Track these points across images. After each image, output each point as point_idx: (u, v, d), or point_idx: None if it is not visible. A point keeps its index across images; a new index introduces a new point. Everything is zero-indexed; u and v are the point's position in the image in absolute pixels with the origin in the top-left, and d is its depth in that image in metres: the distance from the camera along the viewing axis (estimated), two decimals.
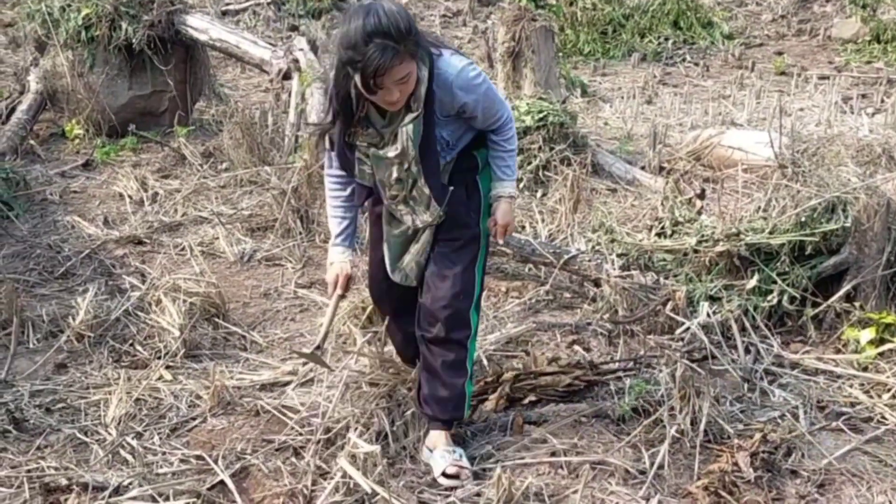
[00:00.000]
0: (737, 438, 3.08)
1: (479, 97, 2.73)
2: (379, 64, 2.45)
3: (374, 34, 2.45)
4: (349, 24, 2.50)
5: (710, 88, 8.19)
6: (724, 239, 3.96)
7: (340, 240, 3.00)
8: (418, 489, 2.82)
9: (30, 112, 6.19)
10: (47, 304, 4.03)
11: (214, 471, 2.95)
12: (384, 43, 2.45)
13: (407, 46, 2.49)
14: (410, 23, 2.51)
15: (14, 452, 3.06)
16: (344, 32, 2.51)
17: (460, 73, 2.68)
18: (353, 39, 2.47)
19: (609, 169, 5.63)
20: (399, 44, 2.47)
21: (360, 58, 2.46)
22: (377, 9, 2.48)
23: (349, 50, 2.48)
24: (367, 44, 2.45)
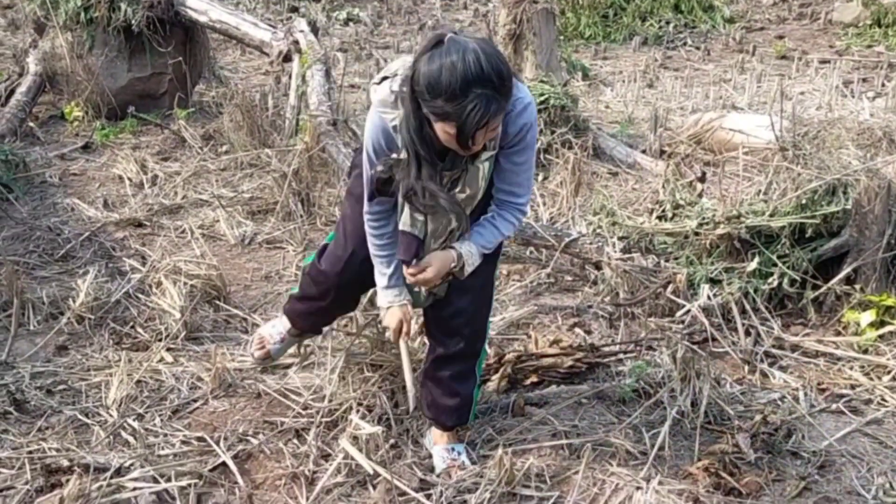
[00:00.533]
0: (737, 420, 3.09)
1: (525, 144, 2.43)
2: (481, 118, 2.13)
3: (474, 83, 2.11)
4: (436, 63, 2.14)
5: (710, 72, 8.16)
6: (724, 221, 3.96)
7: (394, 280, 2.66)
8: (420, 470, 2.83)
9: (29, 94, 6.16)
10: (47, 286, 4.03)
11: (216, 452, 2.96)
12: (485, 93, 2.12)
13: (506, 94, 2.19)
14: (507, 66, 2.20)
15: (15, 434, 3.06)
16: (432, 75, 2.14)
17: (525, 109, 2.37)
18: (448, 87, 2.12)
19: (610, 152, 5.62)
20: (501, 94, 2.16)
21: (457, 111, 2.13)
22: (474, 50, 2.12)
23: (441, 99, 2.14)
24: (465, 94, 2.11)
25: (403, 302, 2.67)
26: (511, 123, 2.35)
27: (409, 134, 2.28)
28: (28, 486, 2.78)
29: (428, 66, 2.16)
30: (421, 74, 2.17)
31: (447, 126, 2.20)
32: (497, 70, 2.13)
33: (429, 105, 2.18)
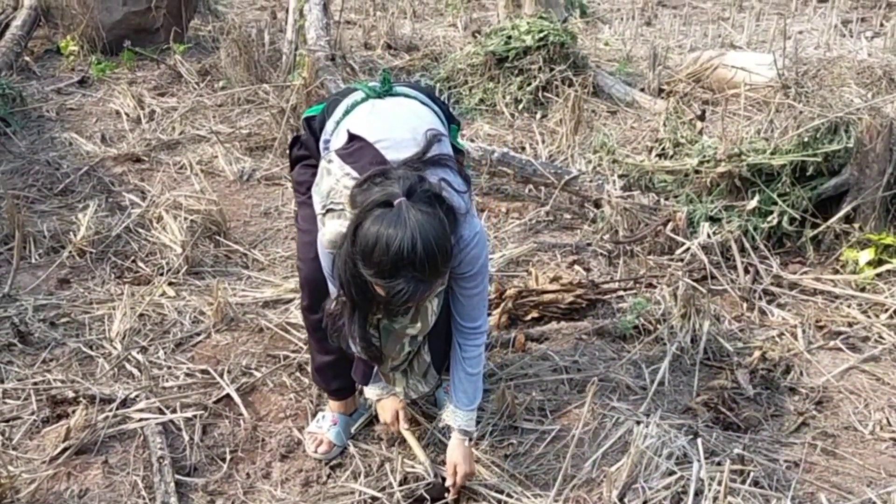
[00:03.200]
0: (736, 356, 3.14)
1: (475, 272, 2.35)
2: (408, 300, 2.08)
3: (406, 266, 2.02)
4: (374, 230, 2.02)
5: (709, 10, 8.06)
6: (725, 160, 3.96)
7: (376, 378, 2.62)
8: (423, 402, 2.86)
9: (24, 28, 6.05)
10: (48, 220, 4.01)
11: (220, 385, 2.99)
12: (415, 277, 2.04)
13: (438, 276, 2.11)
14: (447, 252, 2.08)
15: (20, 365, 3.09)
16: (368, 244, 2.03)
17: (471, 243, 2.28)
18: (380, 263, 2.03)
19: (609, 90, 5.58)
20: (432, 277, 2.08)
21: (386, 288, 2.07)
22: (413, 231, 2.00)
23: (372, 270, 2.06)
24: (394, 275, 2.03)
25: (391, 392, 2.62)
26: (464, 260, 2.30)
27: (346, 278, 2.15)
28: (34, 416, 2.82)
29: (367, 230, 2.04)
30: (360, 235, 2.06)
31: (378, 289, 2.12)
32: (431, 256, 2.02)
33: (362, 268, 2.08)
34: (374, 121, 2.34)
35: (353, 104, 2.41)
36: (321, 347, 2.67)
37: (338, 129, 2.38)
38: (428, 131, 2.28)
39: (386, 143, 2.25)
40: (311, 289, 2.57)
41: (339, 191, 2.22)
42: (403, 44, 6.56)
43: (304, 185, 2.57)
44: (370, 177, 2.12)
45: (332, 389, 2.77)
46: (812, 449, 2.74)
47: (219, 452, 2.72)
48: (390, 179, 2.09)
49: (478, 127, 5.17)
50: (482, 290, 2.41)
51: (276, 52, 5.85)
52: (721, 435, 2.76)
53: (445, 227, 2.09)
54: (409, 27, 7.02)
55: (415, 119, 2.36)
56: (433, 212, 2.07)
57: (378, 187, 2.08)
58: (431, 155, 2.23)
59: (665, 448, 2.56)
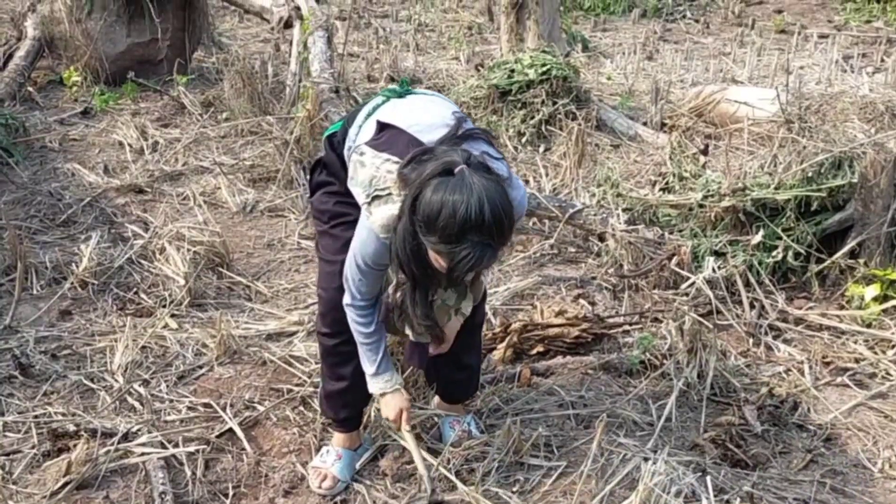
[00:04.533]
0: (743, 392, 3.11)
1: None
2: (473, 266, 2.06)
3: (471, 230, 2.01)
4: (438, 198, 2.02)
5: (710, 45, 8.12)
6: (729, 194, 3.96)
7: (383, 367, 2.53)
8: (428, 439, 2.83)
9: (27, 58, 6.08)
10: (50, 251, 4.00)
11: (223, 419, 2.96)
12: (481, 242, 2.03)
13: (505, 242, 2.11)
14: (510, 217, 2.07)
15: (21, 398, 3.06)
16: (432, 211, 2.03)
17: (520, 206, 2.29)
18: (445, 229, 2.02)
19: (611, 124, 5.60)
20: (498, 242, 2.07)
21: (450, 254, 2.05)
22: (479, 195, 2.01)
23: (436, 237, 2.05)
24: (460, 240, 2.02)
25: (396, 387, 2.55)
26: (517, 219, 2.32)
27: (406, 254, 2.15)
28: (35, 450, 2.78)
29: (430, 198, 2.04)
30: (423, 203, 2.06)
31: (440, 258, 2.11)
32: (498, 220, 2.03)
33: (424, 236, 2.09)
34: (400, 111, 2.37)
35: (374, 107, 2.45)
36: (333, 374, 2.65)
37: (363, 129, 2.40)
38: (454, 113, 2.32)
39: (417, 127, 2.27)
40: (333, 318, 2.55)
41: (382, 176, 2.22)
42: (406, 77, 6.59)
43: (326, 213, 2.56)
44: (416, 155, 2.15)
45: (340, 419, 2.73)
46: (821, 487, 2.70)
47: (221, 488, 2.68)
48: (438, 154, 2.11)
49: None
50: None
51: (279, 84, 5.88)
52: (729, 472, 2.73)
53: (506, 192, 2.09)
54: (412, 60, 7.07)
55: (439, 107, 2.40)
56: (493, 178, 2.08)
57: (431, 162, 2.10)
58: (464, 131, 2.25)
59: (673, 485, 2.53)
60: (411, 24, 8.43)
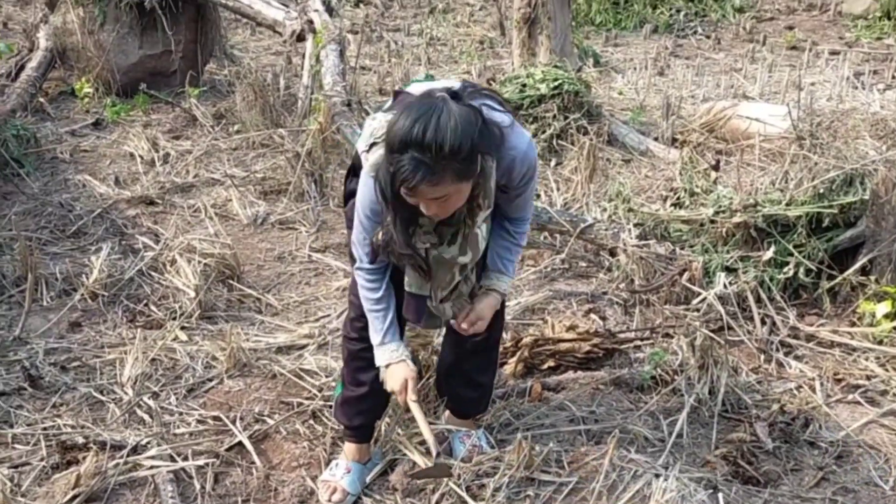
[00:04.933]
0: (754, 409, 3.09)
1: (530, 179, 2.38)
2: (405, 178, 2.07)
3: (412, 145, 2.04)
4: (401, 116, 2.09)
5: (721, 61, 8.12)
6: (741, 210, 3.95)
7: (389, 336, 2.50)
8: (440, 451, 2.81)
9: (39, 69, 6.12)
10: (60, 262, 4.01)
11: (232, 432, 2.95)
12: (418, 159, 2.05)
13: (448, 168, 2.07)
14: (463, 142, 2.05)
15: (30, 410, 3.06)
16: (391, 124, 2.11)
17: (525, 154, 2.31)
18: (393, 140, 2.08)
19: (623, 139, 5.59)
20: (437, 163, 2.05)
21: (392, 164, 2.09)
22: (438, 116, 2.04)
23: (387, 149, 2.11)
24: (402, 152, 2.06)
25: (402, 358, 2.50)
26: (517, 170, 2.33)
27: (384, 181, 2.17)
28: (44, 462, 2.78)
29: (397, 115, 2.12)
30: (391, 125, 2.13)
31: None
32: (441, 141, 2.02)
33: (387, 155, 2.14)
34: (416, 86, 2.41)
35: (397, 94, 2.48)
36: (354, 379, 2.67)
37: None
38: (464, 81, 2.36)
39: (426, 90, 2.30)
40: (364, 324, 2.56)
41: (380, 125, 2.25)
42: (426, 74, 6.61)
43: None
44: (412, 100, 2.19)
45: (353, 426, 2.73)
46: None
47: (231, 502, 2.68)
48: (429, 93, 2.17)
49: None
50: (532, 191, 2.46)
51: (291, 96, 5.90)
52: (741, 489, 2.71)
53: (474, 128, 2.08)
54: (423, 74, 7.08)
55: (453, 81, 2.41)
56: (469, 111, 2.10)
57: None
58: (470, 88, 2.28)
59: (685, 502, 2.51)
60: (423, 37, 8.46)
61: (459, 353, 2.74)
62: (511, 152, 2.28)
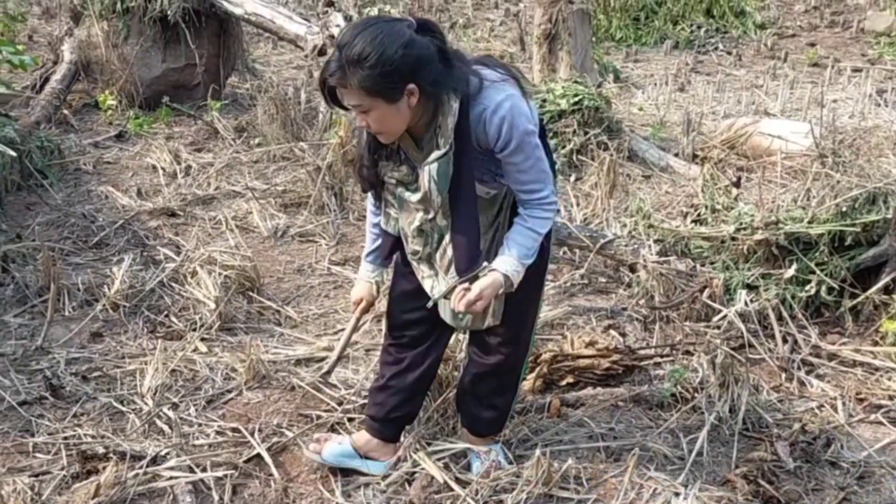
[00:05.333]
0: (775, 428, 3.06)
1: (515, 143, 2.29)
2: (324, 76, 2.24)
3: (339, 46, 2.21)
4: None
5: (742, 78, 8.10)
6: (762, 227, 3.93)
7: (372, 257, 2.72)
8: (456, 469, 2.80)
9: (63, 82, 6.19)
10: (82, 273, 4.04)
11: (251, 444, 2.95)
12: (336, 57, 2.20)
13: (356, 74, 2.16)
14: (371, 53, 2.14)
15: (51, 419, 3.08)
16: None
17: (499, 107, 2.26)
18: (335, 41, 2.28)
19: (643, 155, 5.59)
20: (348, 67, 2.17)
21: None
22: (370, 27, 2.18)
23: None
24: (335, 50, 2.23)
25: (370, 281, 2.72)
26: (488, 125, 2.27)
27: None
28: (64, 471, 2.79)
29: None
30: None
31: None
32: (358, 49, 2.15)
33: None
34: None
35: None
36: (378, 370, 2.88)
37: None
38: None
39: None
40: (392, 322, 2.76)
41: None
42: None
43: None
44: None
45: (367, 413, 2.86)
46: None
47: None
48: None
49: None
50: (533, 163, 2.33)
51: (312, 110, 5.94)
52: None
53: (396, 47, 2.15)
54: None
55: None
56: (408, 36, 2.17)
57: None
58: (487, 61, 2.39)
59: None
60: None
61: (478, 373, 2.74)
62: (481, 105, 2.26)
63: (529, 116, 2.31)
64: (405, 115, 2.25)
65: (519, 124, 2.27)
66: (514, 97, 2.29)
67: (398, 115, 2.24)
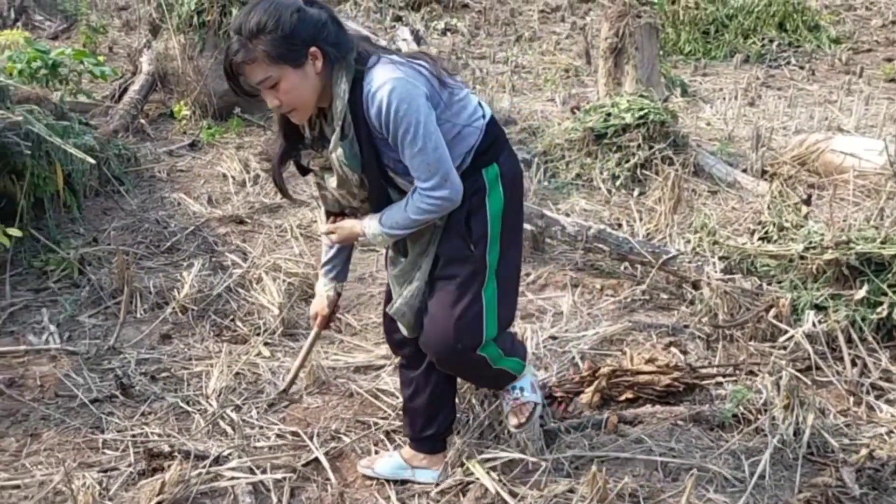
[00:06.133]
0: (841, 453, 2.98)
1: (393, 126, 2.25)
2: (229, 59, 2.25)
3: (235, 30, 2.25)
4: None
5: (815, 93, 7.91)
6: (832, 247, 3.83)
7: (326, 269, 2.79)
8: (510, 475, 2.80)
9: (141, 92, 6.40)
10: (154, 277, 4.17)
11: (309, 448, 3.01)
12: (238, 38, 2.23)
13: (259, 45, 2.20)
14: (269, 20, 2.19)
15: (120, 417, 3.18)
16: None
17: (380, 87, 2.22)
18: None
19: (709, 170, 5.51)
20: (249, 41, 2.21)
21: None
22: (259, 4, 2.23)
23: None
24: (233, 35, 2.25)
25: (325, 293, 2.79)
26: (370, 105, 2.26)
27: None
28: (131, 468, 2.88)
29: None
30: None
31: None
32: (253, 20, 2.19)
33: None
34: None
35: None
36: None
37: None
38: None
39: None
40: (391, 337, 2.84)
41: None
42: (501, 117, 6.65)
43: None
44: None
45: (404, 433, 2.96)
46: None
47: None
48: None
49: (574, 202, 5.16)
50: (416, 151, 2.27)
51: None
52: None
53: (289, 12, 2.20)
54: (507, 101, 7.13)
55: None
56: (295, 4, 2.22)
57: None
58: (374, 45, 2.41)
59: None
60: (508, 65, 8.51)
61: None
62: (367, 84, 2.25)
63: (416, 103, 2.24)
64: (314, 82, 2.27)
65: (398, 110, 2.23)
66: (400, 80, 2.24)
67: (307, 82, 2.26)
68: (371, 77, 2.26)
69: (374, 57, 2.30)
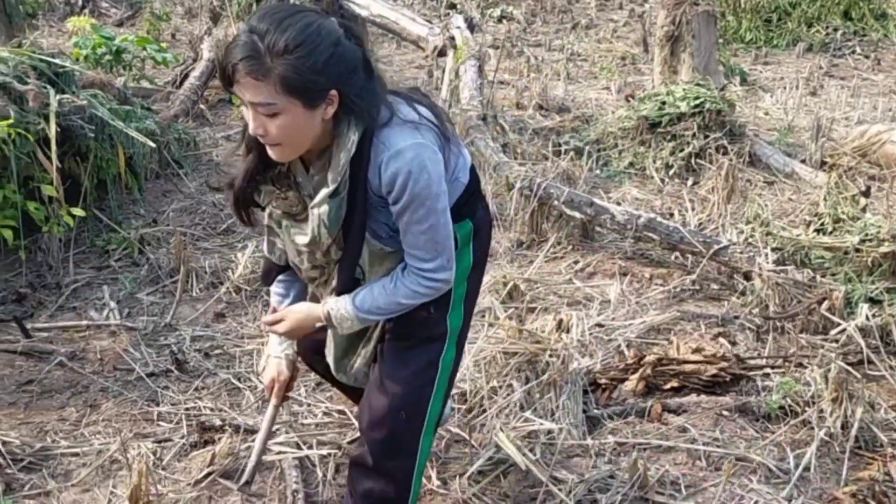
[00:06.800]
0: (890, 447, 2.94)
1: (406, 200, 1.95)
2: (232, 62, 1.85)
3: (256, 31, 1.86)
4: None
5: (880, 83, 7.71)
6: (889, 239, 3.77)
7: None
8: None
9: (201, 78, 6.52)
10: (210, 257, 4.28)
11: (355, 426, 3.06)
12: (252, 42, 1.85)
13: (278, 68, 1.83)
14: (312, 51, 1.84)
15: (175, 391, 3.29)
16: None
17: (399, 154, 1.92)
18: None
19: (766, 160, 5.42)
20: (269, 55, 1.83)
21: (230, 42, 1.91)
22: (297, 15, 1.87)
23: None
24: (245, 31, 1.88)
25: (280, 356, 2.40)
26: (383, 170, 1.94)
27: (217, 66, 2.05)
28: (184, 440, 2.99)
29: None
30: None
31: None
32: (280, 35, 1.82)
33: None
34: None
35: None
36: None
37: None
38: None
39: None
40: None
41: None
42: (555, 105, 6.62)
43: None
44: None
45: None
46: None
47: None
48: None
49: (625, 190, 5.14)
50: (425, 229, 1.99)
51: None
52: None
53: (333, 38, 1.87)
54: (562, 89, 7.10)
55: None
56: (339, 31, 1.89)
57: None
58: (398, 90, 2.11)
59: None
60: (564, 53, 8.46)
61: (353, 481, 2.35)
62: (383, 145, 1.94)
63: (436, 175, 1.96)
64: (316, 127, 1.93)
65: (419, 181, 1.93)
66: (424, 148, 1.95)
67: (309, 126, 1.91)
68: (388, 138, 1.94)
69: (385, 111, 1.97)
